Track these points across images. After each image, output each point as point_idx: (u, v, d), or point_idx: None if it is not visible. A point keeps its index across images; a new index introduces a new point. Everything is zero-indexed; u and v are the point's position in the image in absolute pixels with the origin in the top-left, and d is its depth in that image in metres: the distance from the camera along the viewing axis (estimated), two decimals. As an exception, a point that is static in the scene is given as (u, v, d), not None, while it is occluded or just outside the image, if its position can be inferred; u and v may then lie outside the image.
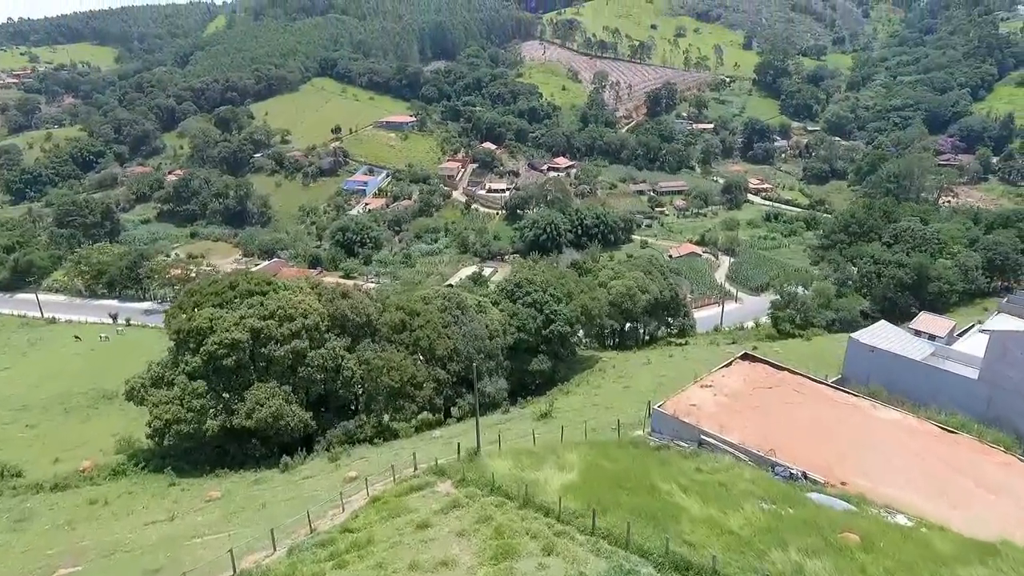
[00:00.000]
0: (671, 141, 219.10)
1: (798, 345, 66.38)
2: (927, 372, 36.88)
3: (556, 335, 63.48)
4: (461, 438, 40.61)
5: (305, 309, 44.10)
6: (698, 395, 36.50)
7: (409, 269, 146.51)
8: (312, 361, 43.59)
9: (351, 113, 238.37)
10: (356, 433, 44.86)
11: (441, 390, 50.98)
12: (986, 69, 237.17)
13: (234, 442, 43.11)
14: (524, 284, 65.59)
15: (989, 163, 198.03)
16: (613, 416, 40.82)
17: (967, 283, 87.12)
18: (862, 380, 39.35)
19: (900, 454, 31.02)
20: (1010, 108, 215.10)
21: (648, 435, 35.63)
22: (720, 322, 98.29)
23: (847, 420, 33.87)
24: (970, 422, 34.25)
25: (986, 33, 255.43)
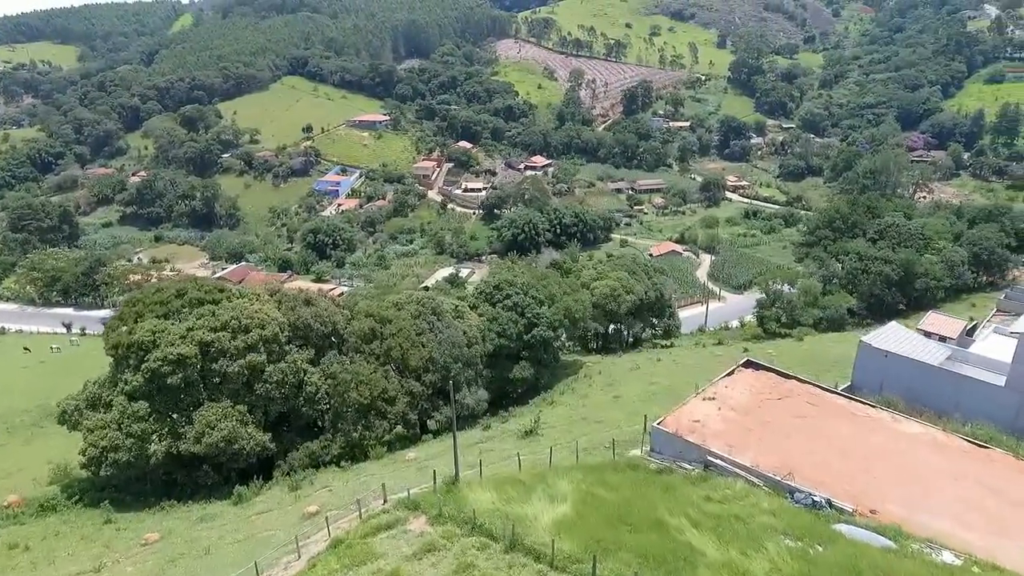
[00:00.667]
0: (648, 139, 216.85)
1: (791, 346, 63.28)
2: (948, 379, 33.56)
3: (538, 340, 59.45)
4: (437, 460, 36.32)
5: (262, 319, 39.41)
6: (701, 409, 32.69)
7: (384, 271, 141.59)
8: (270, 377, 38.93)
9: (323, 112, 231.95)
10: (321, 455, 40.29)
11: (416, 404, 46.61)
12: (955, 67, 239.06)
13: (182, 470, 38.28)
14: (504, 286, 61.43)
15: (961, 159, 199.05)
16: (605, 432, 36.87)
17: (953, 279, 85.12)
18: (874, 388, 35.95)
19: (932, 475, 27.52)
20: (979, 105, 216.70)
21: (647, 456, 31.72)
22: (705, 322, 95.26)
23: (868, 436, 30.32)
24: (999, 434, 30.96)
25: (954, 31, 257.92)
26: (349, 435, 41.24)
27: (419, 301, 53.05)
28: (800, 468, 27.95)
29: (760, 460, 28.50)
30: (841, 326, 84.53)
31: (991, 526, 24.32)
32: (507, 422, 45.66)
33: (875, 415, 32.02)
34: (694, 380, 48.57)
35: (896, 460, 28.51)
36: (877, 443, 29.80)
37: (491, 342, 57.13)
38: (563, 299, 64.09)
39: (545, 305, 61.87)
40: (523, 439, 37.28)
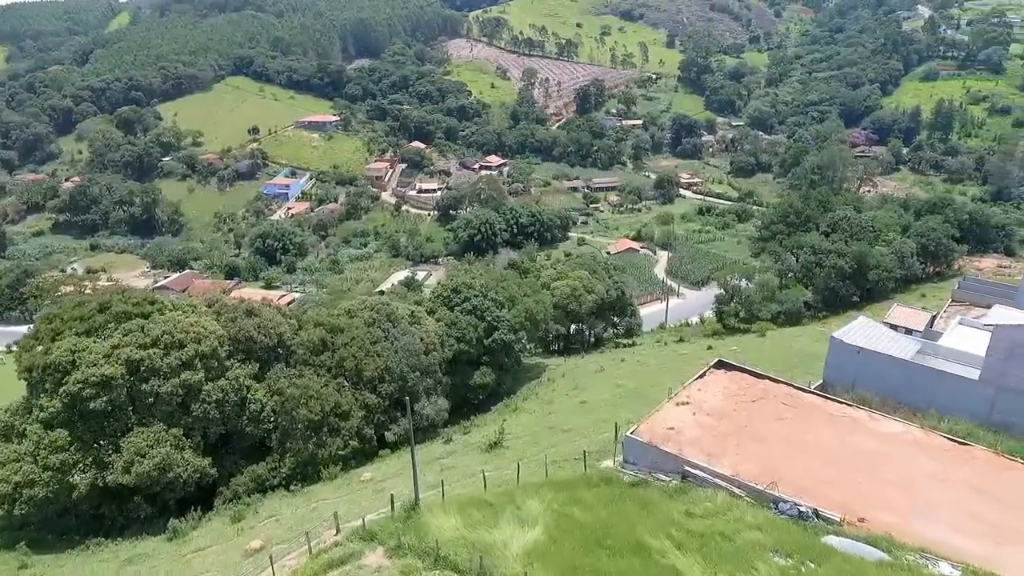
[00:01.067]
0: (602, 137, 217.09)
1: (754, 342, 62.59)
2: (921, 374, 32.66)
3: (499, 344, 57.13)
4: (396, 480, 33.57)
5: (198, 332, 35.86)
6: (675, 415, 30.87)
7: (337, 276, 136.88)
8: (209, 396, 35.43)
9: (270, 113, 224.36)
10: (268, 478, 36.99)
11: (372, 417, 43.62)
12: (893, 65, 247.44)
13: (111, 503, 34.44)
14: (462, 289, 58.86)
15: (900, 154, 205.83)
16: (574, 442, 34.77)
17: (904, 270, 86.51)
18: (847, 385, 34.87)
19: (917, 477, 26.30)
20: (916, 102, 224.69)
21: (621, 467, 29.70)
22: (665, 319, 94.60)
23: (848, 437, 29.01)
24: (976, 429, 30.13)
25: (891, 31, 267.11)
26: (299, 455, 38.04)
27: (373, 308, 50.02)
28: (782, 475, 26.35)
29: (740, 468, 26.80)
30: (798, 319, 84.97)
31: (984, 531, 23.12)
32: (469, 433, 43.14)
33: (853, 414, 30.80)
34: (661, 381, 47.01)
35: (879, 462, 27.23)
36: (858, 445, 28.51)
37: (450, 348, 54.53)
38: (523, 301, 61.90)
39: (505, 308, 59.60)
40: (487, 452, 34.86)
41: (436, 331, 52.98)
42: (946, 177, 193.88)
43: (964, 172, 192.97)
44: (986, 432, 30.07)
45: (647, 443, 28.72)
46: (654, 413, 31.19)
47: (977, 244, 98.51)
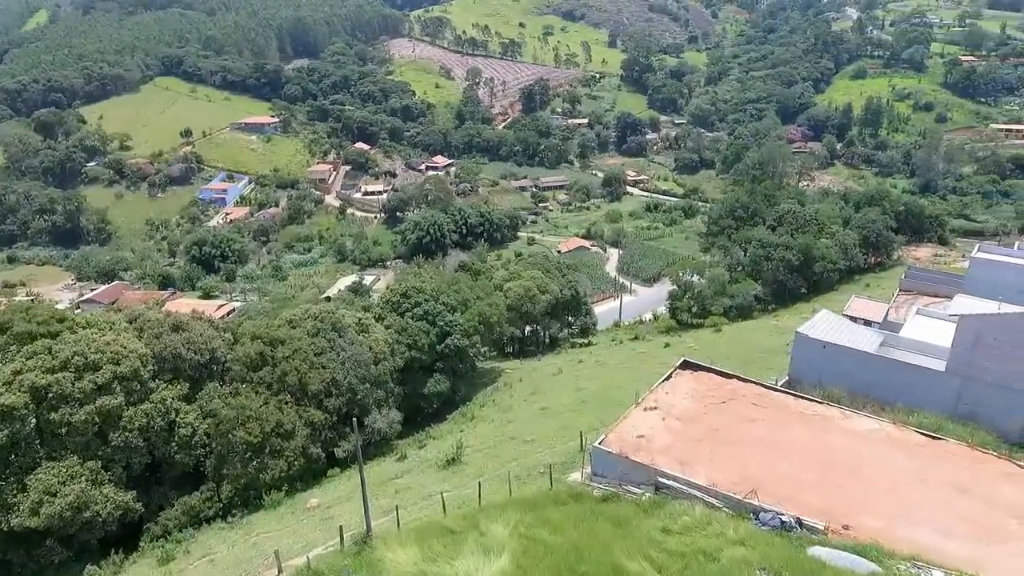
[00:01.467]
0: (549, 136, 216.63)
1: (710, 338, 62.04)
2: (887, 367, 31.97)
3: (453, 350, 54.63)
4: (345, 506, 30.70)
5: (116, 352, 32.04)
6: (643, 421, 29.09)
7: (280, 283, 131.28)
8: (131, 422, 31.68)
9: (204, 115, 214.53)
10: (203, 510, 33.47)
11: (319, 434, 40.43)
12: (824, 64, 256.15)
13: (18, 548, 30.31)
14: (412, 293, 56.07)
15: (835, 149, 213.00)
16: (538, 453, 32.65)
17: (848, 261, 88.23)
18: (812, 380, 33.96)
19: (896, 477, 25.25)
20: (847, 99, 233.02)
21: (589, 481, 27.71)
22: (619, 316, 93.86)
23: (822, 437, 27.83)
24: (946, 422, 29.50)
25: (821, 32, 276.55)
26: (237, 481, 34.63)
27: (317, 316, 46.70)
28: (760, 482, 24.84)
29: (716, 476, 25.16)
30: (749, 313, 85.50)
31: (970, 532, 22.11)
32: (425, 447, 40.50)
33: (824, 412, 29.71)
34: (622, 383, 45.51)
35: (856, 463, 26.08)
36: (832, 445, 27.34)
37: (401, 356, 51.73)
38: (476, 304, 59.58)
39: (458, 311, 57.16)
40: (445, 469, 32.36)
41: (386, 339, 50.08)
42: (878, 171, 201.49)
43: (893, 166, 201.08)
44: (955, 424, 29.50)
45: (616, 454, 26.81)
46: (621, 420, 29.33)
47: (912, 234, 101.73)
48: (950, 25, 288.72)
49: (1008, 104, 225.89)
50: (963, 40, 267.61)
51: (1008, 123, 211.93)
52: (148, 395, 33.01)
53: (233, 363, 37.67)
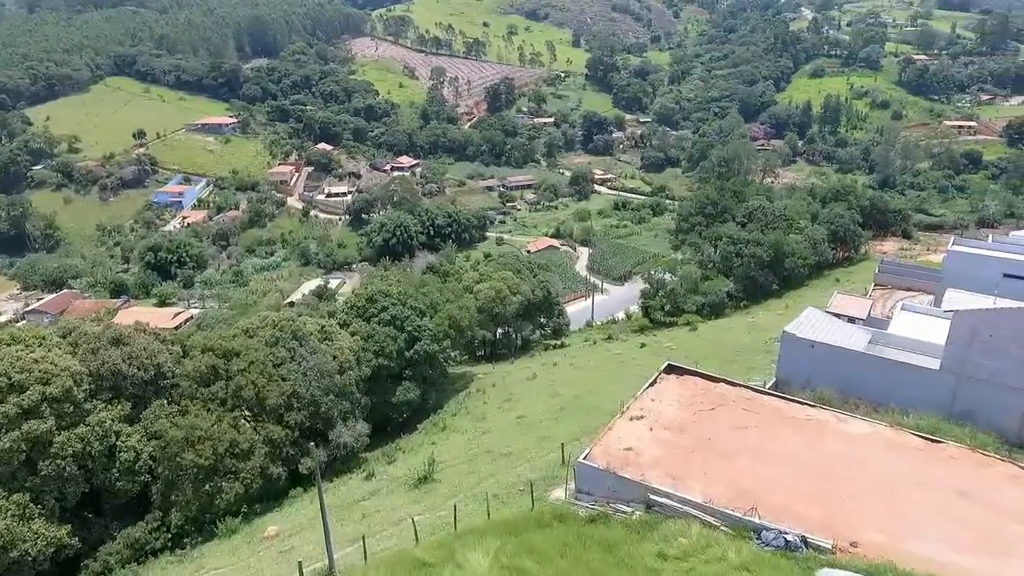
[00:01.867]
0: (515, 136, 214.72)
1: (687, 338, 60.64)
2: (879, 366, 30.60)
3: (422, 356, 52.04)
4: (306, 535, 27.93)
5: (46, 370, 28.70)
6: (629, 432, 27.05)
7: (241, 288, 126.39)
8: (63, 448, 28.39)
9: (158, 116, 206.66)
10: (148, 542, 30.31)
11: (279, 452, 37.46)
12: (784, 63, 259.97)
13: (-67, 596, 26.83)
14: (378, 298, 53.25)
15: (796, 146, 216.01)
16: (516, 468, 30.37)
17: (817, 256, 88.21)
18: (801, 382, 32.46)
19: (898, 485, 23.70)
20: (807, 97, 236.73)
21: (574, 499, 25.55)
22: (591, 316, 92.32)
23: (818, 443, 26.20)
24: (941, 423, 28.20)
25: (780, 31, 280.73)
26: (187, 509, 31.53)
27: (276, 325, 43.60)
28: (757, 495, 23.03)
29: (712, 492, 23.25)
30: (722, 310, 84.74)
31: (981, 543, 20.62)
32: (394, 462, 37.88)
33: (817, 416, 28.11)
34: (600, 387, 43.60)
35: (856, 471, 24.48)
36: (829, 451, 25.73)
37: (368, 364, 48.95)
38: (446, 307, 57.07)
39: (427, 316, 54.56)
40: (416, 489, 29.84)
41: (351, 347, 47.22)
42: (838, 167, 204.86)
43: (853, 162, 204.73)
44: (951, 425, 28.21)
45: (603, 469, 24.70)
46: (606, 431, 27.24)
47: (878, 229, 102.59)
48: (903, 25, 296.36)
49: (959, 101, 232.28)
50: (915, 40, 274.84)
51: (960, 120, 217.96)
52: (84, 417, 29.71)
53: (182, 378, 34.46)
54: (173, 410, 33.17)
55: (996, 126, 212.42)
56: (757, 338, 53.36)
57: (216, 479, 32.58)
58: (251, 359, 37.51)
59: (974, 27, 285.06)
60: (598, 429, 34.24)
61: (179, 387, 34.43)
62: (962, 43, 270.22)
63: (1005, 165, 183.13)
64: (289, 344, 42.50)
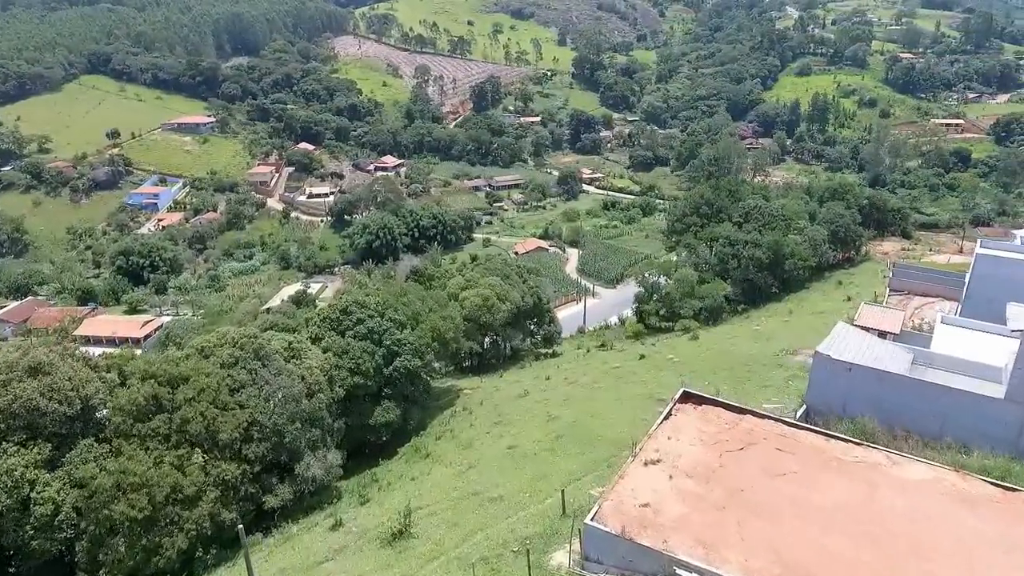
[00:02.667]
0: (501, 135, 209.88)
1: (689, 348, 56.07)
2: (927, 393, 26.15)
3: (403, 373, 47.08)
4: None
5: (-63, 412, 23.50)
6: (645, 481, 22.33)
7: (217, 294, 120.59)
8: (-42, 506, 23.24)
9: (133, 115, 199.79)
10: (69, 613, 25.19)
11: (234, 493, 32.35)
12: (771, 61, 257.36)
13: None
14: (354, 309, 48.19)
15: (785, 145, 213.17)
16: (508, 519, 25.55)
17: (817, 257, 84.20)
18: (835, 410, 27.99)
19: (976, 551, 19.17)
20: (794, 95, 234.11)
21: (580, 568, 20.81)
22: (583, 321, 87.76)
23: (872, 495, 21.63)
24: (1010, 463, 23.77)
25: (766, 29, 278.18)
26: (119, 569, 26.36)
27: (236, 343, 38.46)
28: (809, 568, 18.44)
29: (753, 565, 18.61)
30: (720, 314, 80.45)
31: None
32: (368, 503, 32.90)
33: (867, 457, 23.56)
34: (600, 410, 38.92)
35: (922, 531, 19.95)
36: (887, 504, 21.17)
37: (342, 383, 43.96)
38: (429, 318, 52.11)
39: (407, 328, 49.58)
40: (390, 546, 24.90)
41: (322, 365, 42.18)
42: (827, 166, 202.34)
43: (842, 161, 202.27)
44: (1022, 467, 23.78)
45: (616, 534, 19.95)
46: (618, 480, 22.49)
47: (876, 228, 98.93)
48: (888, 24, 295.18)
49: (946, 100, 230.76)
50: (901, 38, 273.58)
51: (947, 118, 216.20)
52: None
53: (115, 412, 29.28)
54: (104, 451, 28.01)
55: (983, 124, 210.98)
56: (766, 349, 48.96)
57: (154, 532, 27.46)
58: (201, 386, 32.36)
59: (958, 26, 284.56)
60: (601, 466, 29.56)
61: (111, 423, 29.26)
62: (947, 41, 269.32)
63: (994, 163, 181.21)
64: (250, 365, 37.41)
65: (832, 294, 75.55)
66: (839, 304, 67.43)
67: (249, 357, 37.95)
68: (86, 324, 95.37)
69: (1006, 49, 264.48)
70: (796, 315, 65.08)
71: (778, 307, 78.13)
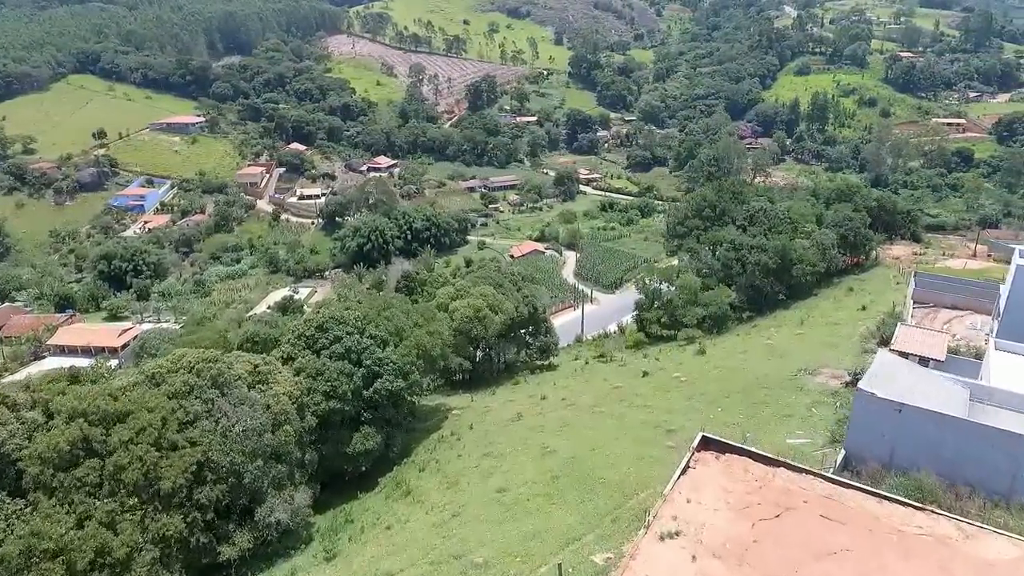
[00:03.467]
0: (497, 135, 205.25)
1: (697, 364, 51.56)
2: (996, 441, 21.70)
3: (384, 395, 42.58)
4: None
5: None
6: (662, 562, 17.87)
7: (202, 299, 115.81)
8: None
9: (122, 115, 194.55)
10: None
11: (184, 543, 27.80)
12: (769, 60, 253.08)
13: None
14: (330, 326, 43.65)
15: (784, 145, 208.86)
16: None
17: (827, 263, 79.83)
18: (881, 457, 23.61)
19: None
20: (793, 95, 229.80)
21: None
22: (581, 331, 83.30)
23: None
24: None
25: (765, 28, 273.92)
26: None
27: (192, 368, 33.90)
28: None
29: None
30: (725, 323, 76.07)
31: None
32: (333, 561, 28.38)
33: (932, 528, 19.11)
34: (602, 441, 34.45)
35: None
36: (968, 596, 16.73)
37: (316, 408, 39.45)
38: (414, 333, 47.53)
39: (390, 344, 45.06)
40: (351, 631, 20.43)
41: (291, 391, 37.62)
42: (827, 166, 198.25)
43: (843, 161, 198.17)
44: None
45: (629, 642, 15.47)
46: (628, 561, 18.02)
47: (885, 231, 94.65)
48: (887, 23, 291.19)
49: (947, 99, 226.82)
50: (900, 37, 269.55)
51: (948, 117, 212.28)
52: None
53: (31, 461, 24.73)
54: (16, 508, 23.46)
55: (985, 123, 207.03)
56: (781, 368, 44.55)
57: (73, 608, 22.90)
58: (142, 424, 27.78)
59: (957, 25, 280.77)
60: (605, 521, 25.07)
61: (26, 474, 24.73)
62: (947, 40, 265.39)
63: (997, 163, 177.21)
64: (206, 394, 32.88)
65: (844, 302, 71.13)
66: (853, 314, 63.13)
67: (206, 385, 33.42)
68: (61, 333, 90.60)
69: (1006, 48, 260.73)
70: (809, 326, 60.72)
71: (786, 315, 73.74)
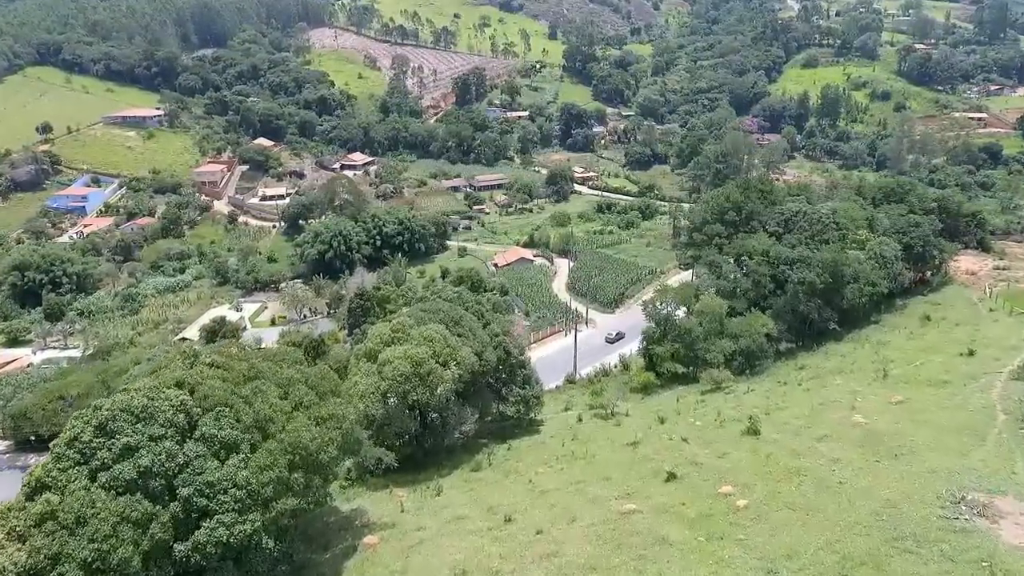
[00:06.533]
0: (485, 130, 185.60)
1: (752, 460, 31.37)
2: None
3: (214, 551, 23.02)
4: None
5: None
6: None
7: (129, 318, 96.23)
8: None
9: (76, 108, 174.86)
10: None
11: None
12: (775, 52, 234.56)
13: None
14: (122, 426, 24.00)
15: (795, 141, 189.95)
16: None
17: (890, 281, 60.62)
18: None
19: None
20: (801, 88, 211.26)
21: None
22: (574, 368, 63.72)
23: None
24: None
25: (770, 19, 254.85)
26: None
27: None
28: None
29: None
30: (760, 359, 56.98)
31: None
32: None
33: None
34: None
35: None
36: None
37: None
38: (292, 422, 27.77)
39: (242, 449, 25.43)
40: None
41: None
42: (841, 163, 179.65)
43: (858, 157, 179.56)
44: None
45: None
46: None
47: (948, 239, 75.13)
48: (895, 14, 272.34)
49: (966, 92, 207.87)
50: (911, 28, 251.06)
51: (969, 111, 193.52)
52: None
53: None
54: None
55: (1008, 117, 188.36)
56: (905, 482, 25.14)
57: None
58: None
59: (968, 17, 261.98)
60: None
61: None
62: (960, 32, 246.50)
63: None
64: None
65: (926, 337, 51.91)
66: (955, 360, 43.70)
67: None
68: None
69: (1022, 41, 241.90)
70: (903, 383, 41.01)
71: (843, 351, 54.45)
